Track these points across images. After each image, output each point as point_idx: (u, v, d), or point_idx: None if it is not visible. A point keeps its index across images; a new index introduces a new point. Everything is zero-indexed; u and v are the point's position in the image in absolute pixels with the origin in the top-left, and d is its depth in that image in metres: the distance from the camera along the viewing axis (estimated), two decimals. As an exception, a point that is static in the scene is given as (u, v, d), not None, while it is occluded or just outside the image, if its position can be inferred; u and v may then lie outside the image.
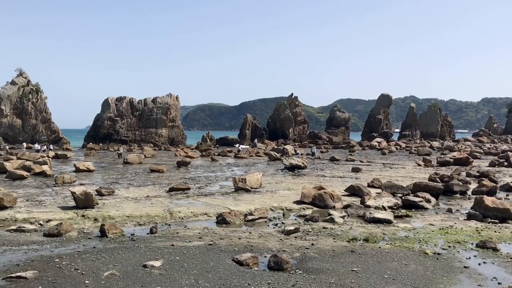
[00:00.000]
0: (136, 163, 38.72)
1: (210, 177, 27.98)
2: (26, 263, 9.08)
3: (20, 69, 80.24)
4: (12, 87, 76.25)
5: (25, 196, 18.77)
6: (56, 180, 23.63)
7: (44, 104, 78.13)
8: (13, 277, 8.05)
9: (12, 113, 74.38)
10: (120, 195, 19.38)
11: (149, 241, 11.18)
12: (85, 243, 10.96)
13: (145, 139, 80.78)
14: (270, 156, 44.84)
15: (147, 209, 16.08)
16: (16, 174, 25.43)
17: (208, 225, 13.75)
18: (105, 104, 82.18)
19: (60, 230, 11.76)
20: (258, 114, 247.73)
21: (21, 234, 12.03)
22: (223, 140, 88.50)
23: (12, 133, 73.77)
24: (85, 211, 15.37)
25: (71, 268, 8.68)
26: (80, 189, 16.38)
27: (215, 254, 10.03)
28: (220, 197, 19.42)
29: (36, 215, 14.73)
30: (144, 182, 24.61)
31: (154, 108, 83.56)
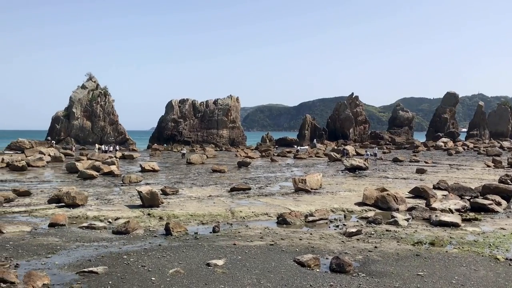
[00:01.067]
0: (198, 163, 39.62)
1: (270, 178, 28.10)
2: (97, 258, 9.54)
3: (90, 74, 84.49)
4: (82, 91, 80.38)
5: (95, 195, 19.72)
6: (124, 179, 24.64)
7: (111, 106, 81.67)
8: (85, 272, 8.49)
9: (82, 115, 78.39)
10: (184, 195, 19.91)
11: (212, 240, 11.41)
12: (151, 240, 11.36)
13: (206, 140, 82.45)
14: (330, 157, 44.35)
15: (210, 208, 16.41)
16: (87, 173, 26.77)
17: (269, 225, 13.83)
18: (169, 106, 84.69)
19: (128, 228, 12.26)
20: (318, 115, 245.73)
21: (92, 231, 12.65)
22: (282, 140, 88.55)
23: (83, 134, 77.71)
24: (151, 209, 15.92)
25: (138, 265, 9.03)
26: (146, 189, 16.98)
27: (276, 254, 10.07)
28: (280, 198, 19.47)
29: (105, 213, 15.44)
30: (206, 182, 25.13)
31: (215, 109, 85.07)
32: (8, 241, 11.01)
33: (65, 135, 76.80)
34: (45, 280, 7.81)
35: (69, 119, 77.81)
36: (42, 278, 7.84)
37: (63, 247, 10.59)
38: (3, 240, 11.11)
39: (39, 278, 7.79)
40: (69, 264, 9.12)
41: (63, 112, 79.03)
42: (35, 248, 10.38)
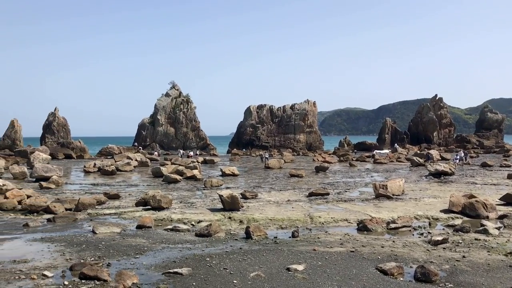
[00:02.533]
0: (276, 168, 39.88)
1: (348, 183, 27.63)
2: (182, 260, 9.91)
3: (173, 82, 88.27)
4: (166, 98, 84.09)
5: (178, 198, 20.50)
6: (205, 183, 25.40)
7: (193, 113, 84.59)
8: (170, 273, 8.86)
9: (166, 122, 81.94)
10: (263, 199, 20.13)
11: (292, 245, 11.43)
12: (232, 244, 11.60)
13: (284, 144, 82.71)
14: (413, 162, 42.71)
15: (288, 213, 16.45)
16: (171, 177, 27.90)
17: (349, 231, 13.59)
18: (247, 112, 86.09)
19: (210, 231, 12.62)
20: (398, 118, 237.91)
21: (176, 233, 13.16)
22: (361, 145, 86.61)
23: (167, 140, 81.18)
24: (232, 213, 16.26)
25: (220, 267, 9.26)
26: (227, 193, 17.38)
27: (357, 261, 9.88)
28: (360, 203, 19.07)
29: (188, 216, 16.00)
30: (284, 187, 25.23)
31: (292, 114, 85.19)
32: (101, 241, 11.75)
33: (150, 141, 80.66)
34: (134, 279, 8.25)
35: (154, 126, 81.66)
36: (131, 277, 8.28)
37: (150, 248, 11.11)
38: (96, 240, 11.89)
39: (129, 277, 8.25)
40: (156, 265, 9.55)
41: (149, 119, 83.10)
42: (125, 249, 10.99)
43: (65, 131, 74.41)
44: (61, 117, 75.42)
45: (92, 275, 8.38)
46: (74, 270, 8.94)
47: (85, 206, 17.26)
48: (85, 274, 8.43)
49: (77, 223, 14.70)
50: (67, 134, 74.04)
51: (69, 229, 13.58)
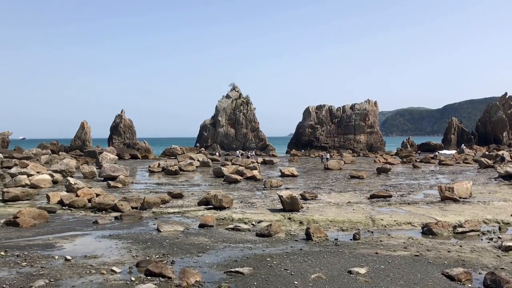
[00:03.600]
0: (336, 169, 39.42)
1: (412, 185, 26.81)
2: (243, 259, 10.04)
3: (233, 84, 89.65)
4: (227, 100, 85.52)
5: (239, 198, 20.77)
6: (265, 184, 25.56)
7: (253, 114, 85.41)
8: (232, 272, 8.99)
9: (227, 123, 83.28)
10: (323, 200, 19.97)
11: (353, 247, 11.26)
12: (292, 244, 11.60)
13: (343, 145, 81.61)
14: (481, 163, 40.78)
15: (349, 215, 16.22)
16: (231, 178, 28.31)
17: (413, 235, 13.20)
18: (306, 113, 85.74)
19: (270, 231, 12.69)
20: (465, 117, 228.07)
21: (237, 232, 13.34)
22: (425, 146, 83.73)
23: (227, 141, 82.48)
24: (291, 214, 16.26)
25: (281, 268, 9.29)
26: (287, 193, 17.40)
27: (422, 266, 9.58)
28: (424, 206, 18.46)
29: (249, 215, 16.17)
30: (344, 188, 24.88)
31: (352, 114, 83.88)
32: (165, 239, 12.14)
33: (211, 141, 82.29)
34: (197, 277, 8.45)
35: (215, 127, 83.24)
36: (194, 275, 8.49)
37: (212, 247, 11.34)
38: (161, 238, 12.29)
39: (192, 275, 8.46)
40: (218, 264, 9.74)
41: (210, 121, 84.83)
42: (188, 247, 11.28)
43: (131, 132, 77.37)
44: (127, 119, 78.51)
45: (157, 272, 8.68)
46: (140, 266, 9.29)
47: (150, 205, 17.88)
48: (151, 270, 8.74)
49: (142, 221, 15.26)
50: (133, 135, 76.94)
51: (135, 227, 14.12)
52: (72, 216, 16.50)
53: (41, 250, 10.91)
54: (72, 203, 18.44)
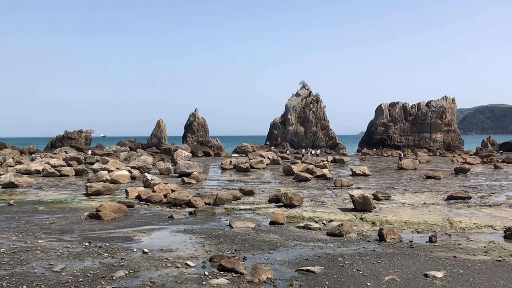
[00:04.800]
0: (410, 168, 38.10)
1: (493, 186, 25.33)
2: (314, 258, 9.99)
3: (303, 82, 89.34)
4: (296, 98, 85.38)
5: (309, 197, 20.67)
6: (335, 183, 25.25)
7: (323, 112, 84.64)
8: (303, 270, 8.98)
9: (296, 121, 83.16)
10: (396, 201, 19.40)
11: (429, 250, 10.84)
12: (364, 245, 11.38)
13: (418, 144, 78.68)
14: None
15: (425, 217, 15.63)
16: (301, 176, 28.24)
17: (494, 239, 12.47)
18: (378, 110, 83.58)
19: (342, 231, 12.52)
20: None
21: (307, 231, 13.29)
22: (508, 145, 78.67)
23: (297, 139, 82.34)
24: (363, 214, 15.94)
25: (353, 269, 9.14)
26: (358, 193, 17.09)
27: (505, 272, 9.03)
28: (507, 209, 17.38)
29: (319, 214, 16.06)
30: (420, 189, 23.99)
31: (428, 112, 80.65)
32: (237, 235, 12.35)
33: (281, 139, 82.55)
34: (268, 274, 8.53)
35: (285, 125, 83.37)
36: (266, 272, 8.57)
37: (282, 244, 11.38)
38: (233, 234, 12.52)
39: (264, 272, 8.54)
40: (289, 261, 9.76)
41: (280, 119, 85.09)
42: (259, 244, 11.40)
43: (204, 130, 79.43)
44: (200, 117, 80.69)
45: (229, 267, 8.85)
46: (213, 261, 9.52)
47: (223, 201, 18.27)
48: (223, 266, 8.93)
49: (215, 217, 15.63)
50: (206, 133, 78.95)
51: (208, 222, 14.50)
52: (149, 211, 17.23)
53: (121, 242, 11.49)
54: (149, 198, 19.26)
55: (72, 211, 17.11)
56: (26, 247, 10.78)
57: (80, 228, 13.51)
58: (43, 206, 18.34)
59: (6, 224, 14.09)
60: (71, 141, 73.29)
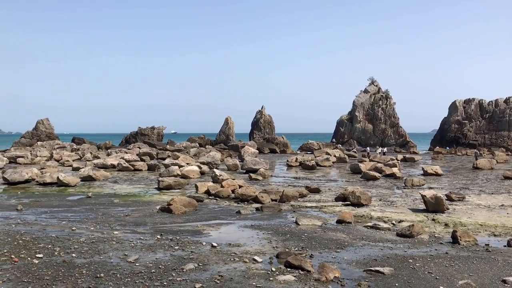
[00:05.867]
0: (486, 168, 36.13)
1: None
2: (383, 259, 9.77)
3: (372, 78, 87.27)
4: (364, 95, 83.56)
5: (377, 196, 20.20)
6: (406, 182, 24.48)
7: (392, 109, 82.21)
8: (372, 271, 8.81)
9: (364, 119, 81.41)
10: (471, 202, 18.49)
11: (507, 255, 10.25)
12: (436, 247, 10.96)
13: (495, 143, 74.33)
14: None
15: (502, 219, 14.79)
16: (369, 174, 27.64)
17: None
18: (452, 107, 79.90)
19: (412, 232, 12.13)
20: None
21: (376, 231, 13.00)
22: None
23: (364, 137, 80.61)
24: (435, 215, 15.35)
25: (425, 271, 8.84)
26: (430, 193, 16.47)
27: None
28: None
29: (388, 214, 15.65)
30: (497, 190, 22.70)
31: (507, 109, 75.99)
32: (303, 233, 12.33)
33: (348, 137, 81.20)
34: (336, 273, 8.45)
35: (352, 123, 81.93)
36: (333, 270, 8.50)
37: (350, 244, 11.22)
38: (299, 231, 12.51)
39: (331, 270, 8.48)
40: (356, 261, 9.61)
41: (347, 116, 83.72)
42: (326, 242, 11.32)
43: (270, 127, 79.79)
44: (267, 114, 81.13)
45: (296, 264, 8.86)
46: (280, 258, 9.58)
47: (289, 198, 18.29)
48: (290, 262, 8.95)
49: (281, 214, 15.69)
50: (272, 131, 79.25)
51: (274, 219, 14.58)
52: (217, 206, 17.61)
53: (191, 235, 11.85)
54: (217, 193, 19.68)
55: (145, 204, 17.85)
56: (103, 238, 11.40)
57: (152, 221, 14.08)
58: (118, 199, 19.30)
59: (85, 215, 14.97)
60: (144, 137, 76.34)
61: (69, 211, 15.84)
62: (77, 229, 12.47)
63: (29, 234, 11.69)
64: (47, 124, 76.41)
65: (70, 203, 17.91)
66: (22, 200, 18.50)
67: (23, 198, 19.25)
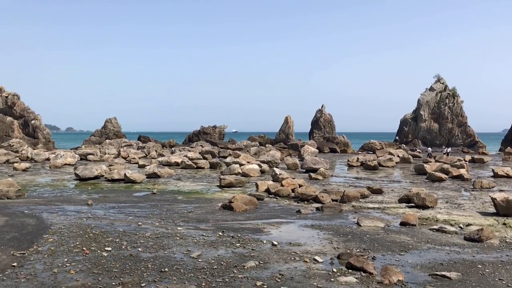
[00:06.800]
0: None
1: None
2: (449, 263, 9.40)
3: (438, 75, 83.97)
4: (430, 93, 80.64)
5: (444, 198, 19.45)
6: (474, 184, 23.40)
7: (460, 108, 78.81)
8: (438, 275, 8.50)
9: (429, 118, 78.58)
10: (547, 207, 17.35)
11: None
12: (508, 253, 10.39)
13: None
14: None
15: None
16: (435, 176, 26.65)
17: None
18: (526, 105, 75.35)
19: (481, 236, 11.58)
20: None
21: (442, 234, 12.52)
22: None
23: (429, 136, 77.83)
24: (506, 219, 14.55)
25: (495, 277, 8.43)
26: (501, 196, 15.64)
27: None
28: None
29: (455, 217, 15.02)
30: None
31: None
32: (365, 234, 12.10)
33: (412, 137, 78.72)
34: (399, 277, 8.23)
35: (416, 122, 79.34)
36: (397, 274, 8.28)
37: (414, 247, 10.89)
38: (361, 233, 12.30)
39: (395, 273, 8.27)
40: (421, 265, 9.31)
41: (411, 115, 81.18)
42: (389, 244, 11.05)
43: (330, 126, 78.93)
44: (327, 113, 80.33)
45: (358, 266, 8.72)
46: (341, 259, 9.46)
47: (350, 199, 18.02)
48: (352, 264, 8.83)
49: (342, 214, 15.48)
50: (332, 130, 78.37)
51: (335, 219, 14.42)
52: (277, 204, 17.67)
53: (251, 233, 11.97)
54: (277, 192, 19.75)
55: (207, 201, 18.23)
56: (167, 233, 11.77)
57: (214, 218, 14.36)
58: (181, 195, 19.84)
59: (151, 211, 15.51)
60: (206, 136, 77.94)
61: (135, 207, 16.47)
62: (143, 224, 12.96)
63: (99, 228, 12.29)
64: (115, 123, 79.84)
65: (136, 199, 18.62)
66: (92, 195, 19.45)
67: (93, 194, 20.24)
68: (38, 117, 69.95)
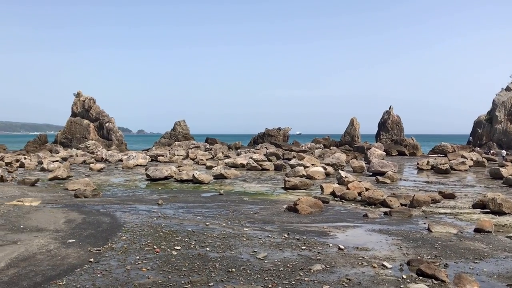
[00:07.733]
0: None
1: None
2: (530, 274, 8.84)
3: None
4: (506, 93, 76.18)
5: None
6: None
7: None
8: (517, 286, 8.03)
9: (506, 119, 74.20)
10: None
11: None
12: None
13: None
14: None
15: None
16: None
17: None
18: None
19: None
20: None
21: (522, 243, 11.79)
22: None
23: (506, 139, 73.47)
24: None
25: None
26: None
27: None
28: None
29: (536, 225, 14.09)
30: None
31: None
32: (437, 240, 11.64)
33: (487, 139, 74.70)
34: (474, 286, 7.85)
35: (491, 123, 75.24)
36: (471, 282, 7.91)
37: (490, 255, 10.34)
38: (432, 239, 11.84)
39: (469, 282, 7.90)
40: (498, 274, 8.83)
41: (486, 116, 77.12)
42: (462, 251, 10.56)
43: (398, 128, 76.74)
44: (395, 115, 78.18)
45: (429, 273, 8.42)
46: (411, 265, 9.17)
47: (420, 203, 17.40)
48: (423, 271, 8.53)
49: (411, 219, 14.99)
50: (401, 132, 76.14)
51: (404, 224, 13.99)
52: (343, 208, 17.42)
53: (317, 236, 11.89)
54: (343, 195, 19.47)
55: (272, 203, 18.32)
56: (234, 234, 11.96)
57: (279, 219, 14.40)
58: (247, 197, 20.07)
59: (218, 212, 15.83)
60: (270, 138, 78.34)
61: (203, 207, 16.87)
62: (210, 224, 13.25)
63: (168, 227, 12.71)
64: (184, 125, 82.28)
65: (204, 200, 19.07)
66: (162, 195, 20.15)
67: (163, 194, 20.96)
68: (112, 120, 73.58)
